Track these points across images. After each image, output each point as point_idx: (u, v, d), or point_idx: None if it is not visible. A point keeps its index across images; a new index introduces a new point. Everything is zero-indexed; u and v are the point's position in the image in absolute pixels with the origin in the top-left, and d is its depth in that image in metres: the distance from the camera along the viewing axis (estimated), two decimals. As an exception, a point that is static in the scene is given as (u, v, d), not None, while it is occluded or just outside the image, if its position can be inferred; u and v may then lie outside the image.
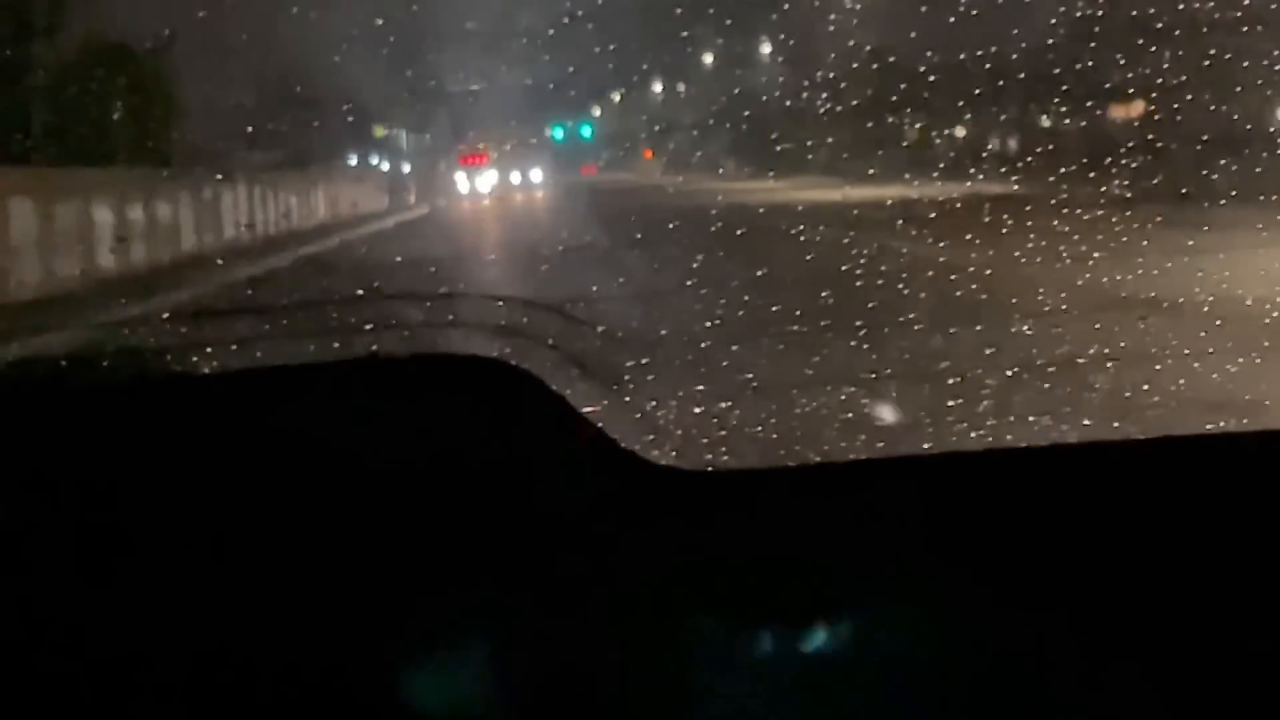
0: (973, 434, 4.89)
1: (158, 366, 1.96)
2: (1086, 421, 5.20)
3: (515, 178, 29.55)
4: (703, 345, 7.31)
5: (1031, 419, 5.21)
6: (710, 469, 1.71)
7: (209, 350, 2.78)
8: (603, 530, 1.58)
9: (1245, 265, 9.33)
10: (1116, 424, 5.21)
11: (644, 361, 6.23)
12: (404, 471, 1.54)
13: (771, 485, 1.68)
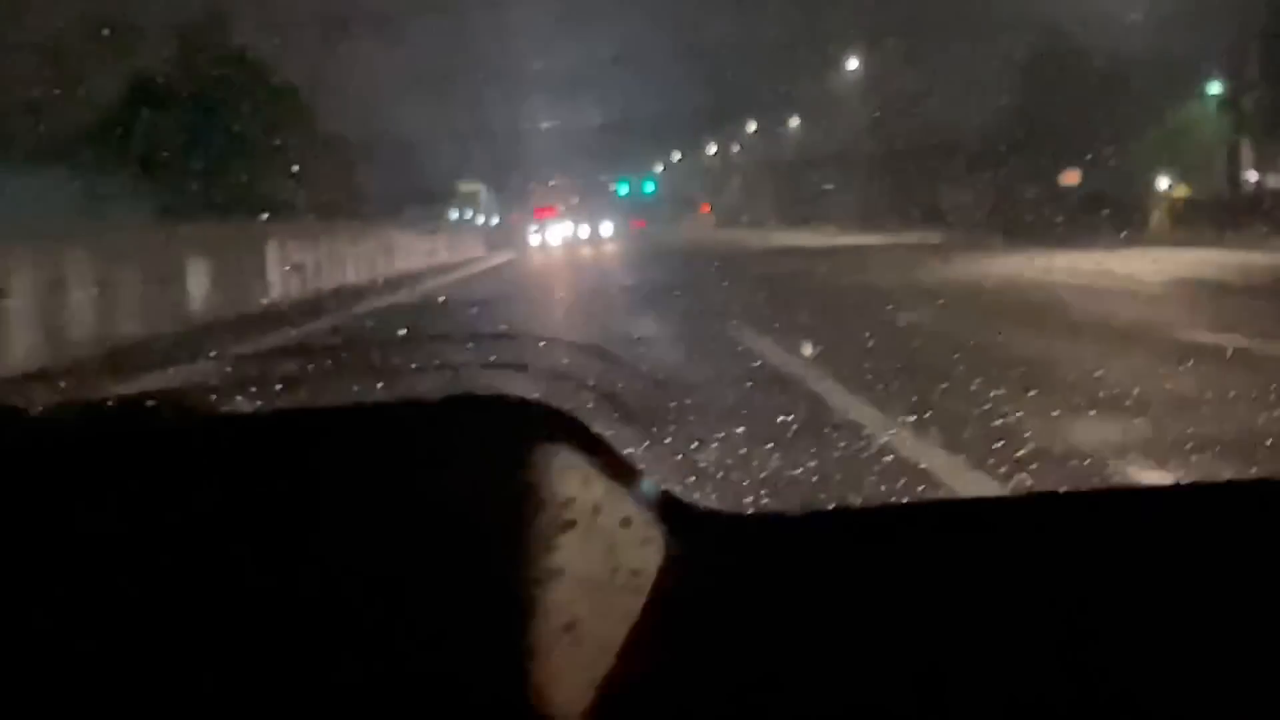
0: (1015, 477, 4.86)
1: (201, 406, 1.96)
2: (1130, 466, 5.17)
3: (584, 230, 32.07)
4: (746, 385, 7.31)
5: (1074, 462, 5.17)
6: (750, 512, 1.70)
7: (253, 390, 2.78)
8: (642, 573, 1.57)
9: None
10: (1160, 468, 5.18)
11: (686, 402, 6.23)
12: (441, 513, 1.54)
13: (812, 530, 1.67)
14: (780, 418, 6.24)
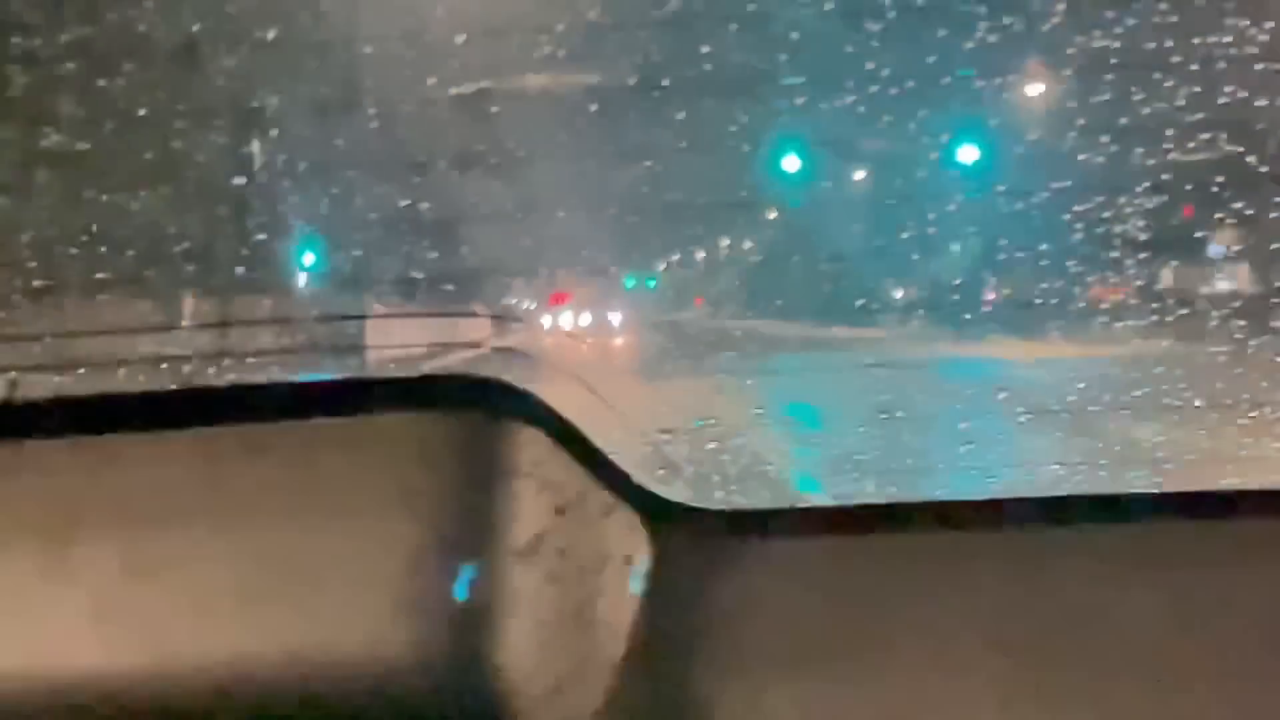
0: (986, 480, 4.85)
1: (173, 376, 1.95)
2: (1101, 472, 5.16)
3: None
4: (717, 376, 7.28)
5: (1045, 467, 5.16)
6: (723, 508, 1.70)
7: (226, 363, 2.77)
8: (610, 566, 1.57)
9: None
10: (1133, 474, 5.17)
11: (657, 388, 6.20)
12: (408, 496, 1.52)
13: (783, 527, 1.67)
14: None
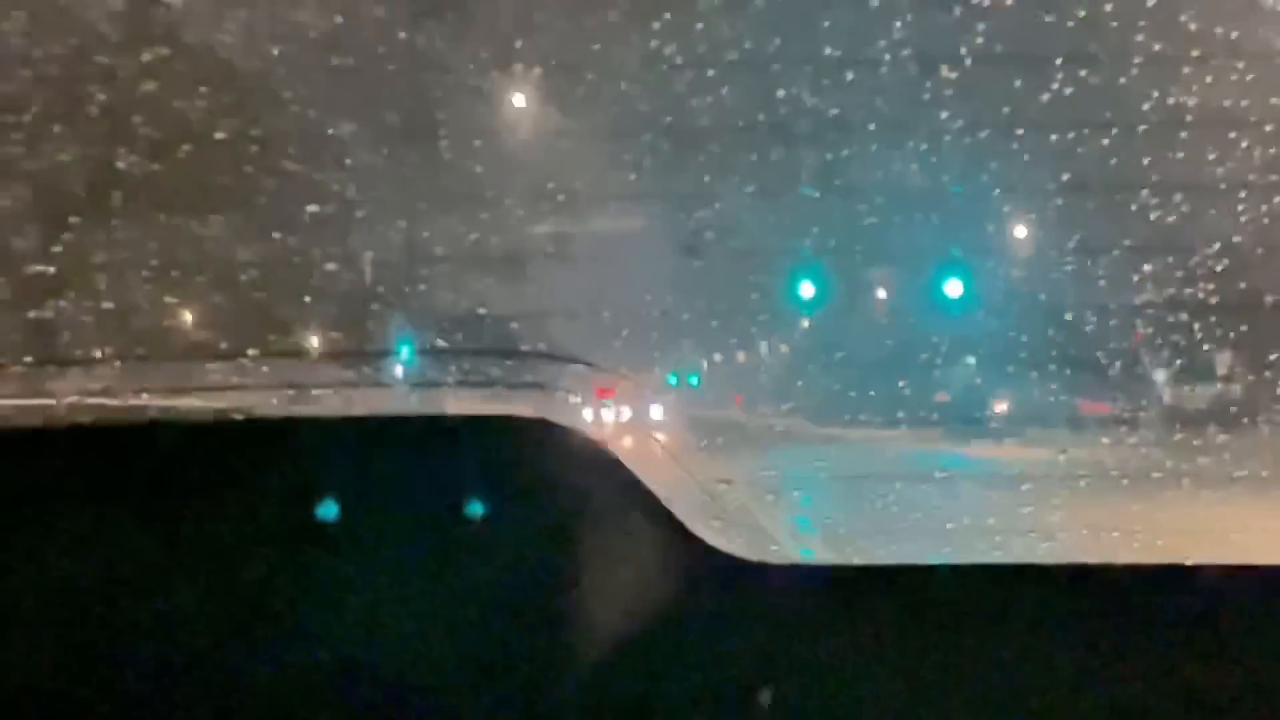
0: (1043, 545, 4.80)
1: (236, 406, 1.97)
2: (1159, 541, 5.10)
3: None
4: (778, 430, 7.26)
5: (1103, 534, 5.11)
6: (774, 562, 1.69)
7: (292, 393, 2.79)
8: (659, 611, 1.57)
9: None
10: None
11: (719, 441, 6.19)
12: (466, 532, 1.54)
13: (836, 585, 1.67)
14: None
